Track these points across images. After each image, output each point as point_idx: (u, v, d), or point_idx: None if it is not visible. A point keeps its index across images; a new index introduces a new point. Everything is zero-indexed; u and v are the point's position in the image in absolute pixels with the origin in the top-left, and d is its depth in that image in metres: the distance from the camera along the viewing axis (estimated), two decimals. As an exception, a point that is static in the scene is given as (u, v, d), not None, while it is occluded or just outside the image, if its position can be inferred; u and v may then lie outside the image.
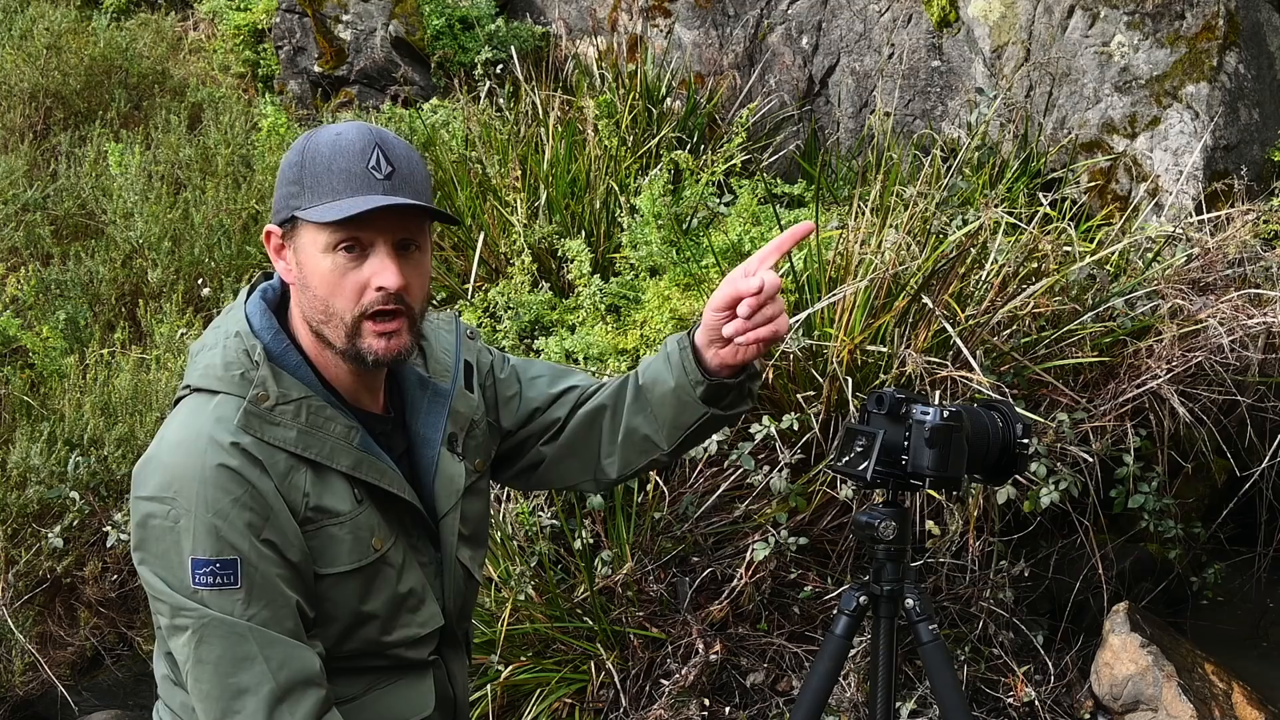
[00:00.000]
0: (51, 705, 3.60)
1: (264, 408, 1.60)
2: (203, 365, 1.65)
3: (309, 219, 1.61)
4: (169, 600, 1.57)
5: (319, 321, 1.65)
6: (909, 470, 1.85)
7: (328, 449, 1.64)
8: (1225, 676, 3.23)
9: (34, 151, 5.18)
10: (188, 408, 1.63)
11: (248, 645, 1.55)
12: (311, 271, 1.63)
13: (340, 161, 1.61)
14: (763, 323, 1.68)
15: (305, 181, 1.62)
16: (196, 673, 1.56)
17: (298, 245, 1.65)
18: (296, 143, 1.68)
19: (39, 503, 3.57)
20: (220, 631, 1.55)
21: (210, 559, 1.54)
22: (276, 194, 1.67)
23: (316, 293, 1.63)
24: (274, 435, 1.61)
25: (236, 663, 1.55)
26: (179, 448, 1.59)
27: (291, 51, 6.29)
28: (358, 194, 1.60)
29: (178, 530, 1.55)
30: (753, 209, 4.10)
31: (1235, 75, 4.17)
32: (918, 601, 1.98)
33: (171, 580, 1.56)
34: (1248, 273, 3.57)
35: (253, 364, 1.62)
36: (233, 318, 1.69)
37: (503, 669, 3.16)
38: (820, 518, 3.34)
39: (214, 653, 1.55)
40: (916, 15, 4.78)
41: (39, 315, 4.19)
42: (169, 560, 1.56)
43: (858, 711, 3.12)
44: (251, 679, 1.55)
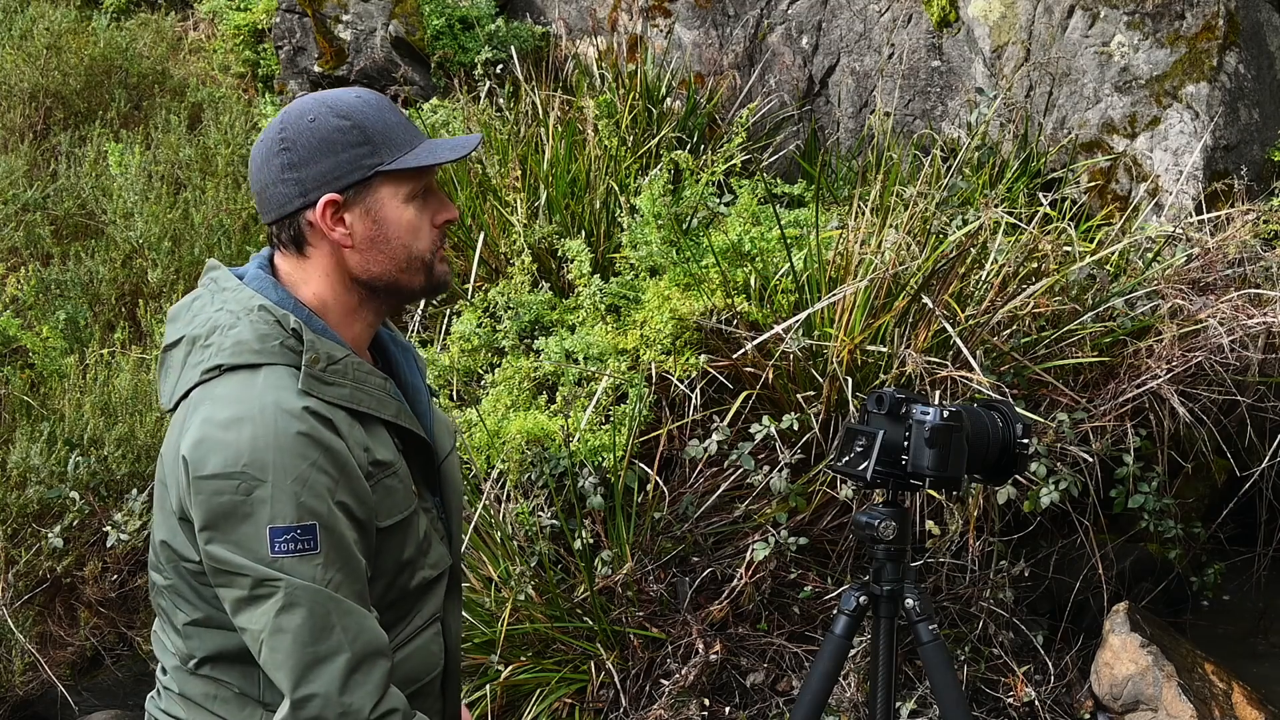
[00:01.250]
0: (51, 705, 3.60)
1: (319, 369, 1.63)
2: (231, 342, 1.62)
3: (405, 166, 1.66)
4: (250, 573, 1.55)
5: (397, 271, 1.70)
6: (909, 470, 1.85)
7: (375, 401, 1.69)
8: (1225, 676, 3.23)
9: (34, 151, 5.18)
10: (229, 385, 1.61)
11: (328, 614, 1.55)
12: (395, 223, 1.69)
13: (390, 115, 1.70)
14: None
15: (375, 139, 1.67)
16: (274, 642, 1.55)
17: (371, 204, 1.68)
18: (309, 111, 1.68)
19: (39, 503, 3.57)
20: (304, 599, 1.54)
21: (290, 526, 1.54)
22: (321, 163, 1.66)
23: (401, 242, 1.69)
24: (333, 394, 1.63)
25: (316, 632, 1.55)
26: (241, 423, 1.57)
27: (291, 51, 6.29)
28: (419, 141, 1.71)
29: (252, 501, 1.54)
30: (753, 209, 4.10)
31: (1235, 75, 4.17)
32: (918, 601, 1.98)
33: (249, 553, 1.55)
34: (1248, 273, 3.56)
35: (287, 332, 1.64)
36: (239, 296, 1.67)
37: (503, 669, 3.16)
38: (820, 518, 3.34)
39: (295, 621, 1.54)
40: (916, 15, 4.78)
41: (39, 315, 4.19)
42: (244, 533, 1.55)
43: (858, 711, 3.12)
44: (329, 648, 1.55)
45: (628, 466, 3.33)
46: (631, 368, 3.54)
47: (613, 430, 3.38)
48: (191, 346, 1.67)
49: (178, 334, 1.70)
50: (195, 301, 1.72)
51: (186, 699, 1.73)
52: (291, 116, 1.69)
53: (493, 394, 3.60)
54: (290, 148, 1.67)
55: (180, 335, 1.69)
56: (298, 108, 1.70)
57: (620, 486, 3.31)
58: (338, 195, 1.67)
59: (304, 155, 1.67)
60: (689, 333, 3.58)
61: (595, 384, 3.52)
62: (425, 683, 1.82)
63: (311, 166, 1.66)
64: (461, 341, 3.81)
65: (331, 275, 1.71)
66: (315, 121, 1.67)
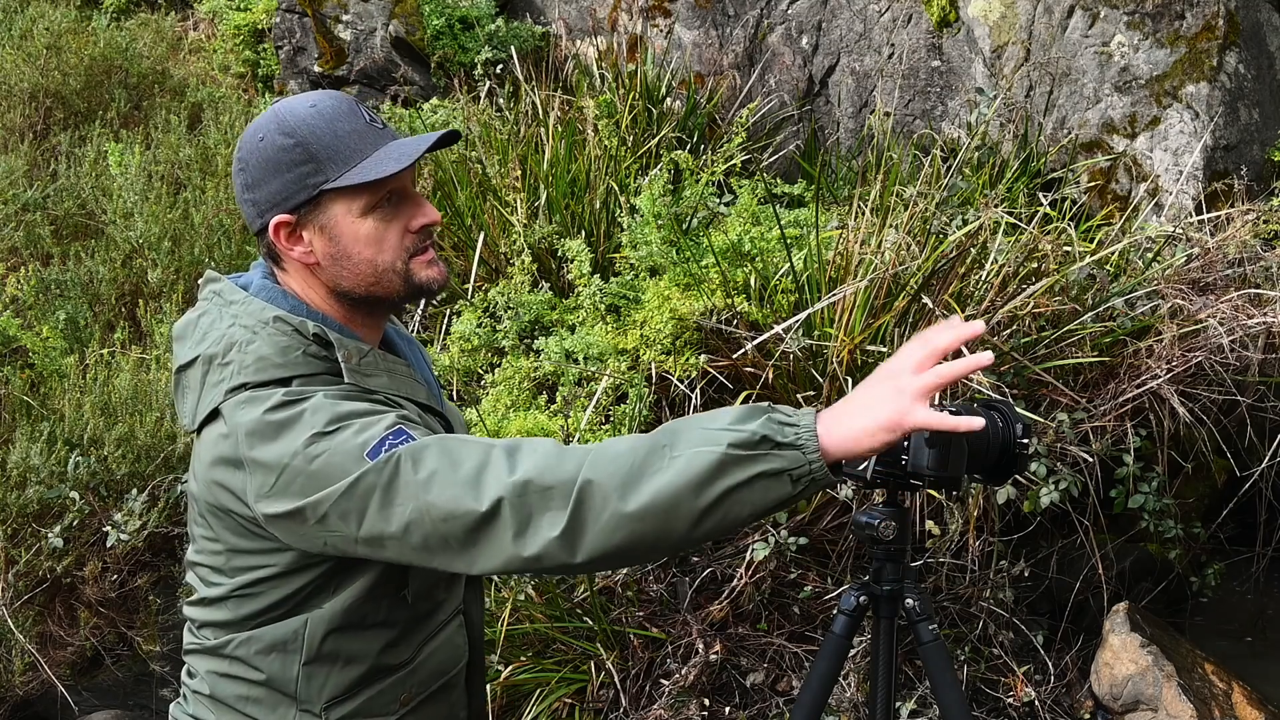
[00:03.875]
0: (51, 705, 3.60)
1: (355, 363, 1.63)
2: (253, 359, 1.60)
3: (352, 182, 1.62)
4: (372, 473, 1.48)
5: (367, 286, 1.68)
6: (909, 470, 1.85)
7: (408, 388, 1.70)
8: (1225, 676, 3.23)
9: (34, 151, 5.18)
10: (257, 398, 1.58)
11: (452, 443, 1.51)
12: (352, 239, 1.66)
13: (342, 125, 1.65)
14: None
15: (319, 156, 1.63)
16: (432, 488, 1.47)
17: (325, 221, 1.65)
18: (261, 128, 1.65)
19: (39, 503, 3.57)
20: (425, 447, 1.50)
21: (376, 443, 1.50)
22: (271, 184, 1.64)
23: (361, 256, 1.66)
24: (373, 384, 1.64)
25: (455, 457, 1.49)
26: (291, 403, 1.54)
27: (291, 51, 6.29)
28: (377, 148, 1.65)
29: (329, 457, 1.51)
30: (753, 209, 4.10)
31: (1235, 75, 4.17)
32: (918, 601, 1.98)
33: (359, 464, 1.49)
34: (1248, 273, 3.56)
35: (308, 340, 1.62)
36: (250, 309, 1.65)
37: (503, 669, 3.16)
38: (820, 518, 3.34)
39: (432, 459, 1.48)
40: (916, 15, 4.78)
41: (39, 315, 4.19)
42: (334, 474, 1.50)
43: (858, 711, 3.12)
44: (476, 459, 1.48)
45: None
46: (631, 368, 3.54)
47: (613, 430, 3.37)
48: (209, 365, 1.63)
49: (190, 353, 1.66)
50: (202, 318, 1.69)
51: (217, 700, 1.72)
52: (248, 135, 1.68)
53: (493, 394, 3.60)
54: (245, 168, 1.67)
55: (194, 355, 1.65)
56: (255, 125, 1.68)
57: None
58: (289, 216, 1.64)
59: (255, 176, 1.65)
60: (689, 333, 3.58)
61: (595, 384, 3.52)
62: (451, 675, 1.82)
63: (263, 188, 1.65)
64: (461, 341, 3.82)
65: (313, 288, 1.70)
66: (264, 141, 1.65)
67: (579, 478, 1.42)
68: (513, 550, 1.44)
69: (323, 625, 1.65)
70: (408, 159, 1.63)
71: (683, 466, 1.41)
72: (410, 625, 1.72)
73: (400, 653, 1.72)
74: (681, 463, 1.41)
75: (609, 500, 1.41)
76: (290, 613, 1.65)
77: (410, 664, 1.74)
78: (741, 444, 1.41)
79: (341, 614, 1.65)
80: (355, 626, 1.67)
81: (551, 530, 1.42)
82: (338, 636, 1.66)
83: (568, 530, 1.42)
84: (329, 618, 1.65)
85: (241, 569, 1.64)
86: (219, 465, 1.58)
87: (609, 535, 1.42)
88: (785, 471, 1.42)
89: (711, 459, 1.41)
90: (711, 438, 1.42)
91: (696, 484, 1.41)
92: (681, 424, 1.47)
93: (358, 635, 1.67)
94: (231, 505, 1.59)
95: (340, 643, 1.67)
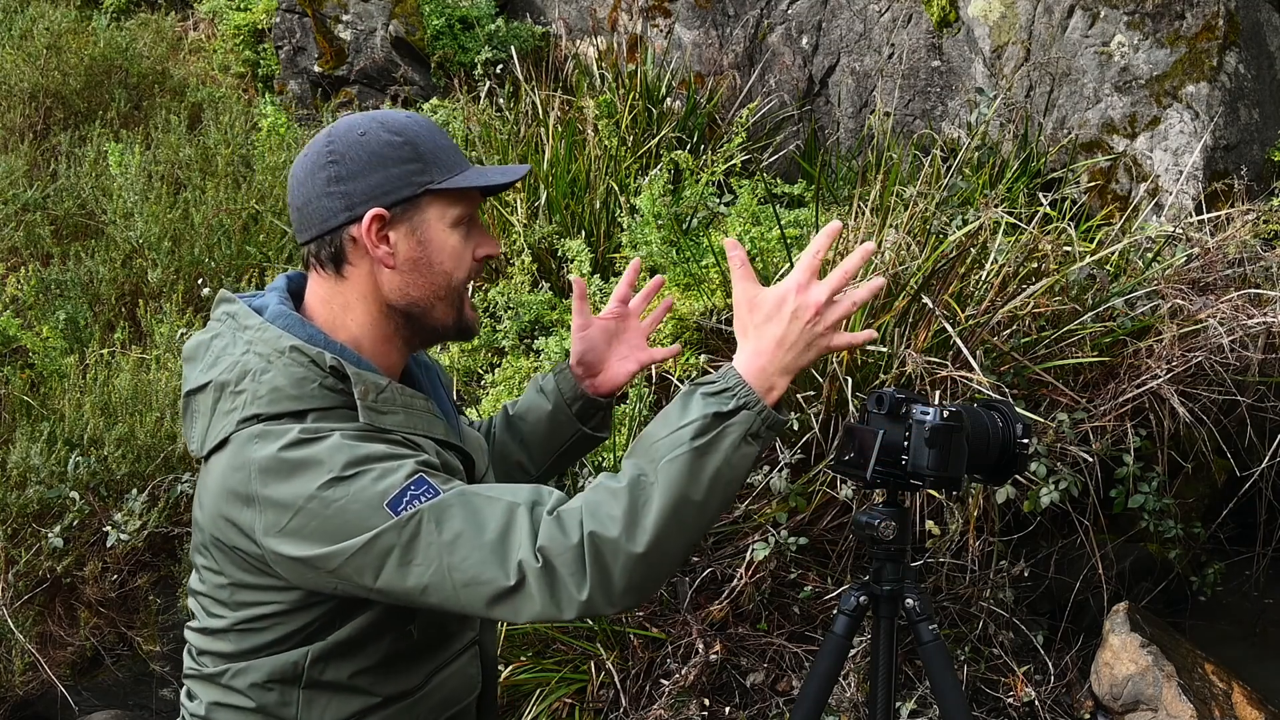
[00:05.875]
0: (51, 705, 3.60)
1: (371, 400, 1.60)
2: (267, 390, 1.56)
3: (458, 186, 1.64)
4: (393, 529, 1.48)
5: (434, 300, 1.67)
6: (909, 470, 1.85)
7: (425, 424, 1.66)
8: (1225, 676, 3.23)
9: (34, 151, 5.18)
10: (271, 433, 1.55)
11: (475, 500, 1.51)
12: (439, 247, 1.66)
13: (440, 138, 1.67)
14: None
15: (426, 157, 1.64)
16: (456, 552, 1.47)
17: (417, 223, 1.64)
18: (360, 125, 1.65)
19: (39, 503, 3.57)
20: (448, 505, 1.49)
21: (397, 494, 1.48)
22: (372, 177, 1.62)
23: (442, 268, 1.66)
24: (389, 422, 1.60)
25: (479, 517, 1.49)
26: (307, 442, 1.52)
27: (291, 51, 6.29)
28: (468, 167, 1.68)
29: (347, 504, 1.49)
30: (753, 209, 4.10)
31: (1235, 75, 4.17)
32: (918, 601, 1.98)
33: (381, 517, 1.48)
34: (1248, 273, 3.56)
35: (324, 372, 1.58)
36: (265, 336, 1.61)
37: (503, 669, 3.16)
38: (820, 518, 3.34)
39: (456, 522, 1.48)
40: (916, 15, 4.78)
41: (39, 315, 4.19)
42: (351, 525, 1.48)
43: (858, 711, 3.12)
44: (500, 520, 1.49)
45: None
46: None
47: (613, 429, 3.37)
48: (220, 393, 1.60)
49: (202, 378, 1.63)
50: (214, 340, 1.66)
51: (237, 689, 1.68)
52: (340, 130, 1.65)
53: (493, 394, 3.60)
54: (338, 160, 1.63)
55: (205, 380, 1.62)
56: (347, 123, 1.66)
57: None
58: (385, 210, 1.62)
59: (353, 168, 1.62)
60: (689, 332, 3.58)
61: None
62: (463, 706, 1.79)
63: (360, 180, 1.62)
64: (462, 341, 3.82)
65: (369, 298, 1.66)
66: (366, 135, 1.63)
67: (585, 534, 1.46)
68: (550, 613, 1.47)
69: (325, 655, 1.63)
70: (508, 177, 1.68)
71: (665, 483, 1.48)
72: (417, 656, 1.70)
73: (406, 681, 1.69)
74: (663, 480, 1.48)
75: (619, 548, 1.46)
76: (293, 646, 1.62)
77: (417, 693, 1.70)
78: (699, 432, 1.50)
79: (345, 645, 1.63)
80: (358, 657, 1.64)
81: (580, 593, 1.46)
82: (340, 666, 1.64)
83: (595, 587, 1.46)
84: (331, 648, 1.62)
85: (245, 604, 1.61)
86: (228, 499, 1.55)
87: (634, 575, 1.47)
88: (746, 433, 1.52)
89: (685, 461, 1.49)
90: (673, 441, 1.50)
91: (685, 489, 1.48)
92: (641, 445, 1.54)
93: (361, 665, 1.65)
94: (238, 541, 1.56)
95: (342, 672, 1.64)
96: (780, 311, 1.57)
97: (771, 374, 1.56)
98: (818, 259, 1.58)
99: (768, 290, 1.59)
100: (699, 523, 1.51)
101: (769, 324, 1.57)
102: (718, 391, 1.53)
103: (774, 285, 1.59)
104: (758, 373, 1.55)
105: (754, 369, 1.56)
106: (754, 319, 1.59)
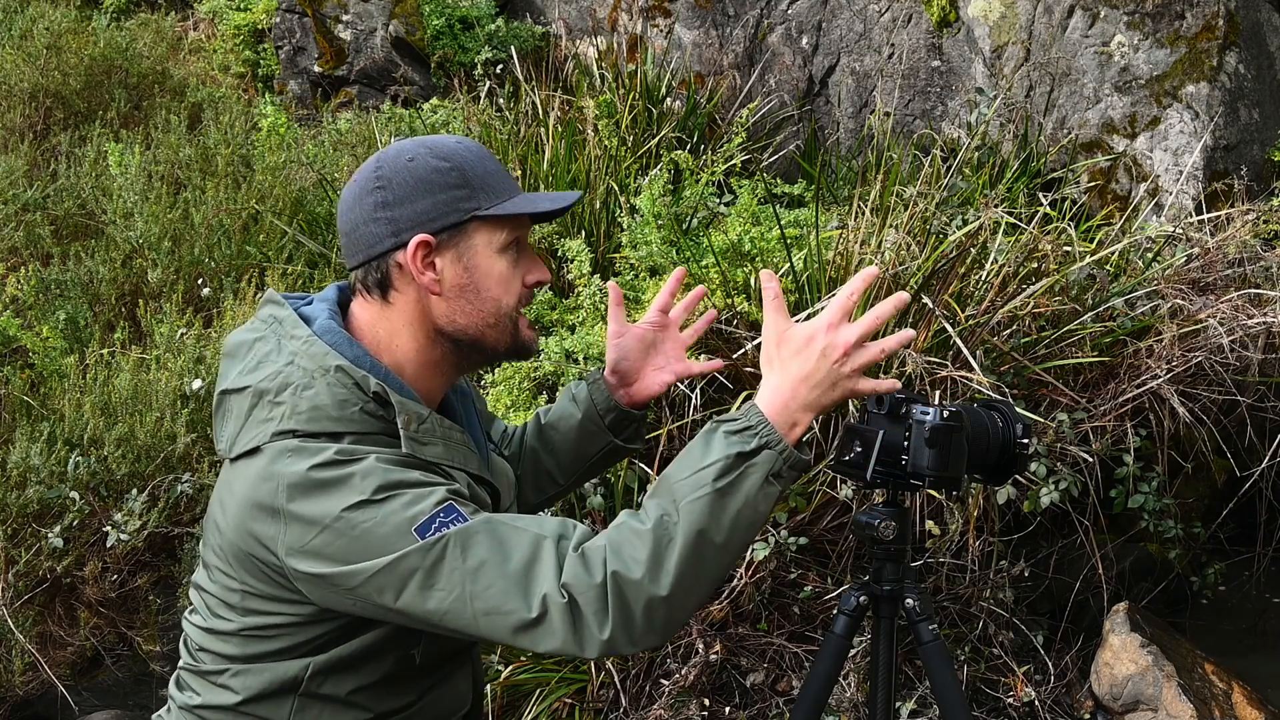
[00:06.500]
0: (51, 705, 3.60)
1: (412, 430, 1.59)
2: (308, 406, 1.55)
3: (506, 212, 1.64)
4: (419, 551, 1.48)
5: (483, 326, 1.66)
6: (909, 470, 1.85)
7: (461, 456, 1.66)
8: (1225, 676, 3.23)
9: (34, 151, 5.18)
10: (306, 449, 1.54)
11: (502, 530, 1.51)
12: (486, 274, 1.65)
13: (489, 163, 1.67)
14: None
15: (474, 183, 1.63)
16: (479, 580, 1.48)
17: (464, 249, 1.64)
18: (409, 151, 1.64)
19: (39, 503, 3.57)
20: (474, 533, 1.49)
21: (426, 519, 1.49)
22: (419, 203, 1.62)
23: (490, 294, 1.66)
24: (429, 454, 1.60)
25: (505, 547, 1.49)
26: (341, 463, 1.51)
27: (291, 51, 6.29)
28: (517, 192, 1.67)
29: (374, 528, 1.49)
30: (753, 209, 4.10)
31: (1235, 75, 4.17)
32: (918, 601, 1.98)
33: (407, 540, 1.49)
34: (1248, 273, 3.56)
35: (367, 396, 1.58)
36: (312, 351, 1.60)
37: (503, 669, 3.16)
38: (820, 518, 3.34)
39: (481, 549, 1.48)
40: (916, 15, 4.78)
41: (39, 315, 4.19)
42: (375, 546, 1.49)
43: (858, 711, 3.12)
44: (525, 551, 1.49)
45: (628, 466, 3.33)
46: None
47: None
48: (259, 399, 1.59)
49: (241, 380, 1.63)
50: (258, 343, 1.65)
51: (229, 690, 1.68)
52: (389, 156, 1.65)
53: (493, 394, 3.60)
54: (385, 185, 1.63)
55: (244, 384, 1.62)
56: (395, 148, 1.66)
57: (620, 486, 3.31)
58: (431, 237, 1.62)
59: (400, 194, 1.62)
60: (689, 333, 3.58)
61: (595, 384, 3.52)
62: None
63: (407, 206, 1.62)
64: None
65: (415, 325, 1.66)
66: (414, 161, 1.63)
67: (608, 573, 1.46)
68: (570, 649, 1.48)
69: (326, 669, 1.63)
70: (556, 204, 1.67)
71: (688, 525, 1.48)
72: (415, 676, 1.70)
73: (401, 699, 1.69)
74: (685, 522, 1.49)
75: (643, 589, 1.47)
76: (296, 657, 1.62)
77: (410, 710, 1.70)
78: (722, 472, 1.50)
79: (347, 660, 1.63)
80: (359, 674, 1.64)
81: (602, 633, 1.46)
82: (339, 681, 1.64)
83: (617, 628, 1.47)
84: (334, 663, 1.62)
85: (255, 611, 1.61)
86: (254, 509, 1.54)
87: (656, 617, 1.48)
88: (768, 474, 1.52)
89: (707, 502, 1.49)
90: (696, 482, 1.50)
91: (708, 531, 1.49)
92: (664, 484, 1.54)
93: (360, 682, 1.65)
94: (259, 552, 1.56)
95: (341, 687, 1.64)
96: (809, 348, 1.57)
97: (794, 411, 1.56)
98: (853, 300, 1.59)
99: (798, 326, 1.60)
100: (721, 563, 1.51)
101: (796, 359, 1.58)
102: (740, 430, 1.53)
103: (805, 322, 1.60)
104: (780, 409, 1.56)
105: (777, 405, 1.56)
106: (781, 353, 1.59)
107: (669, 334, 2.02)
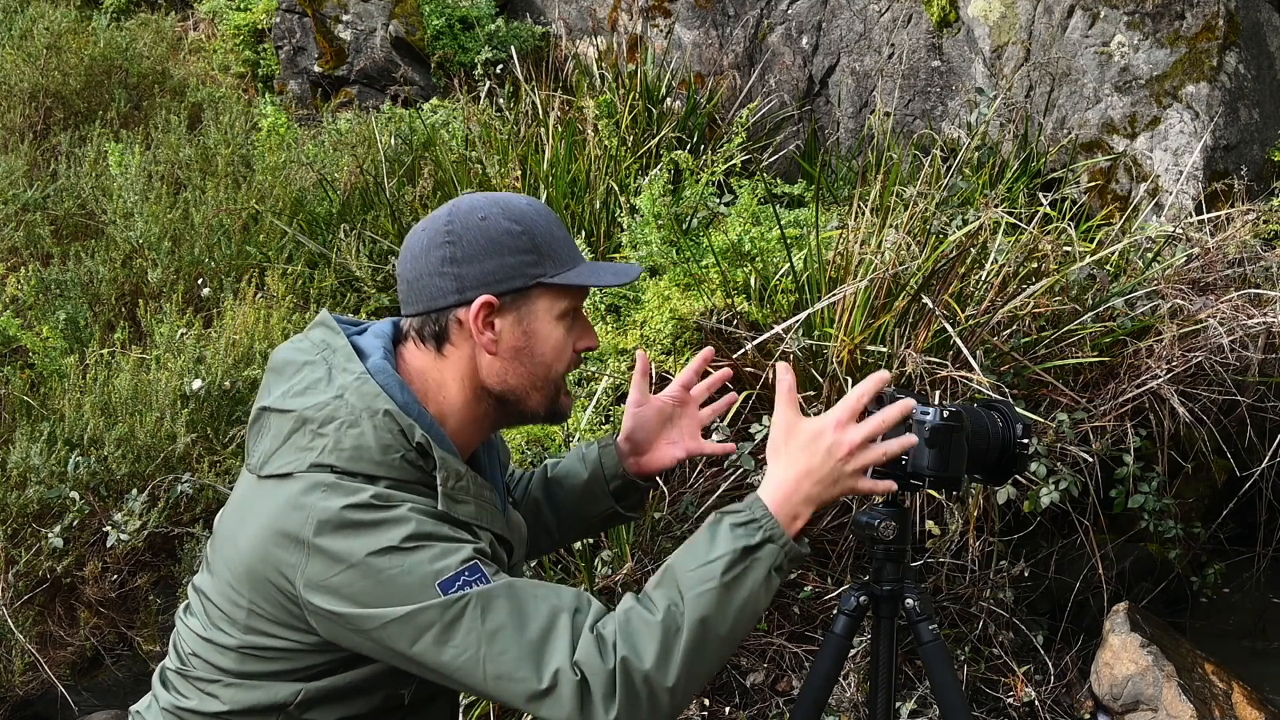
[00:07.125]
0: (51, 705, 3.59)
1: (449, 487, 1.61)
2: (351, 445, 1.57)
3: (571, 283, 1.66)
4: (426, 616, 1.50)
5: (530, 389, 1.69)
6: (909, 470, 1.85)
7: (489, 517, 1.68)
8: (1225, 676, 3.23)
9: (34, 151, 5.18)
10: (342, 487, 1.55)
11: (522, 596, 1.53)
12: (543, 339, 1.68)
13: (557, 230, 1.69)
14: None
15: (542, 249, 1.65)
16: (495, 644, 1.50)
17: (525, 313, 1.66)
18: (481, 208, 1.66)
19: (39, 503, 3.56)
20: (495, 596, 1.51)
21: (450, 576, 1.51)
22: (487, 263, 1.63)
23: (543, 360, 1.69)
24: (462, 512, 1.62)
25: (524, 614, 1.52)
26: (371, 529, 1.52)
27: (291, 51, 6.29)
28: (581, 260, 1.70)
29: (399, 576, 1.51)
30: (753, 209, 4.10)
31: (1235, 75, 4.17)
32: (918, 601, 1.98)
33: (410, 615, 1.51)
34: (1248, 273, 3.57)
35: (410, 446, 1.59)
36: (363, 390, 1.61)
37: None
38: (820, 518, 3.34)
39: (501, 614, 1.51)
40: (916, 15, 4.78)
41: (39, 315, 4.19)
42: (396, 594, 1.51)
43: (858, 711, 3.12)
44: (543, 620, 1.52)
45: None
46: (631, 368, 3.54)
47: (613, 430, 3.37)
48: (301, 426, 1.60)
49: (284, 403, 1.63)
50: (307, 366, 1.66)
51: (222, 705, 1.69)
52: (461, 210, 1.66)
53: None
54: (455, 241, 1.64)
55: (289, 408, 1.62)
56: (469, 203, 1.67)
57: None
58: (495, 298, 1.64)
59: (469, 251, 1.63)
60: (689, 333, 3.58)
61: (595, 384, 3.52)
62: None
63: (475, 264, 1.63)
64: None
65: (465, 380, 1.68)
66: (486, 220, 1.64)
67: (619, 659, 1.49)
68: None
69: (317, 697, 1.64)
70: (620, 278, 1.71)
71: (694, 618, 1.53)
72: (401, 709, 1.71)
73: None
74: (691, 614, 1.53)
75: (650, 679, 1.50)
76: (290, 681, 1.63)
77: None
78: (729, 566, 1.54)
79: (339, 691, 1.64)
80: (347, 703, 1.66)
81: (608, 715, 1.49)
82: (327, 710, 1.65)
83: (623, 712, 1.49)
84: (325, 692, 1.64)
85: (259, 631, 1.61)
86: (278, 535, 1.55)
87: (661, 705, 1.51)
88: (770, 568, 1.57)
89: (713, 595, 1.53)
90: (703, 575, 1.54)
91: (714, 623, 1.54)
92: (669, 575, 1.57)
93: (346, 710, 1.66)
94: (275, 578, 1.56)
95: (327, 714, 1.66)
96: (816, 444, 1.61)
97: (796, 503, 1.60)
98: (862, 403, 1.63)
99: (807, 421, 1.64)
100: (721, 654, 1.56)
101: (803, 454, 1.62)
102: (745, 523, 1.57)
103: (814, 418, 1.64)
104: (783, 501, 1.60)
105: (779, 497, 1.60)
106: (789, 446, 1.63)
107: (688, 410, 2.04)
